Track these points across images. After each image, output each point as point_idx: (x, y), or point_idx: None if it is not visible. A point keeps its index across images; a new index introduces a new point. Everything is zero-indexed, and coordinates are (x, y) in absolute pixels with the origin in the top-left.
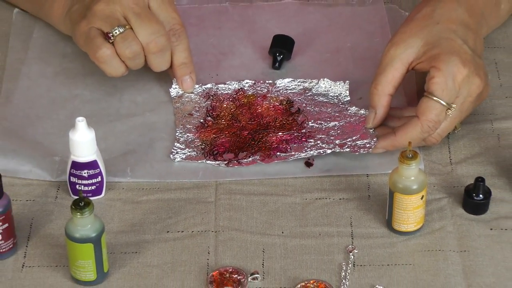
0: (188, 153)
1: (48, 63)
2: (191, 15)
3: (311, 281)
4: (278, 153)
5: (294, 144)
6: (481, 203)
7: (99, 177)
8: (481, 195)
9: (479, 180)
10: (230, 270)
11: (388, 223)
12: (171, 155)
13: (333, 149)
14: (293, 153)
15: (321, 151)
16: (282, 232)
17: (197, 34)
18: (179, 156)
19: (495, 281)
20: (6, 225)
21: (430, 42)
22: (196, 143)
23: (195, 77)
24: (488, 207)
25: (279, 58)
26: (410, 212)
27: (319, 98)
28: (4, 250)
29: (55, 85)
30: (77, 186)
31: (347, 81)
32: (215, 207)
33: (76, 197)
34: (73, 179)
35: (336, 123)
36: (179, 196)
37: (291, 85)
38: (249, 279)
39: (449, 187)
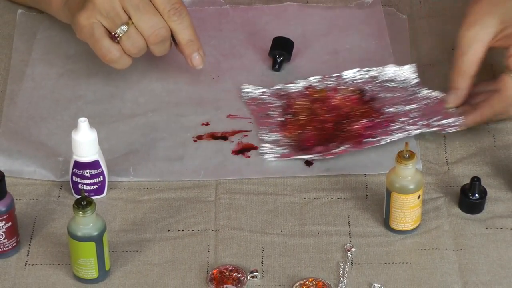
0: (281, 151)
1: (52, 65)
2: (192, 17)
3: (310, 279)
4: (367, 140)
5: (379, 129)
6: (477, 203)
7: (101, 176)
8: (477, 195)
9: (475, 180)
10: (230, 268)
11: (386, 222)
12: (263, 156)
13: (420, 130)
14: (382, 137)
15: (407, 133)
16: (281, 231)
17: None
18: (272, 156)
19: (491, 279)
20: (9, 224)
21: (506, 20)
22: (283, 140)
23: (203, 53)
24: (484, 206)
25: (279, 60)
26: (407, 211)
27: (388, 84)
28: (7, 248)
29: (59, 86)
30: (80, 186)
31: (414, 64)
32: (215, 206)
33: (79, 197)
34: (75, 178)
35: (413, 106)
36: (179, 195)
37: (358, 75)
38: (248, 277)
39: (445, 187)
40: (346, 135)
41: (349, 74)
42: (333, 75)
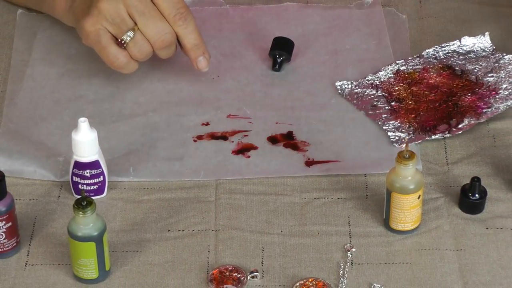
0: (409, 136)
1: (52, 65)
2: None
3: (310, 279)
4: (485, 110)
5: (489, 98)
6: (477, 203)
7: (101, 176)
8: (477, 195)
9: (475, 180)
10: (230, 268)
11: (386, 222)
12: (395, 144)
13: None
14: (497, 105)
15: None
16: (281, 231)
17: None
18: (402, 141)
19: (491, 279)
20: (10, 224)
21: None
22: (404, 127)
23: (209, 55)
24: (484, 206)
25: (279, 60)
26: (407, 211)
27: (469, 55)
28: (7, 248)
29: (59, 86)
30: (80, 186)
31: (487, 33)
32: (215, 206)
33: (79, 197)
34: (75, 178)
35: (505, 71)
36: (180, 195)
37: (438, 53)
38: (248, 277)
39: (446, 187)
40: (462, 110)
41: (429, 52)
42: (415, 56)
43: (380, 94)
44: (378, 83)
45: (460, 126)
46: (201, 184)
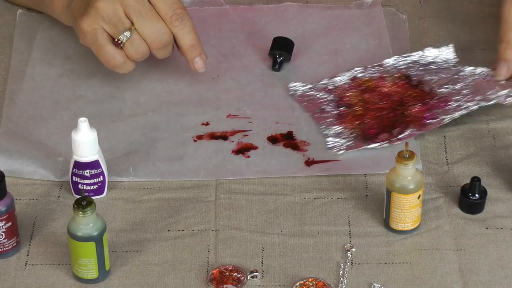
0: (346, 143)
1: (52, 65)
2: (192, 17)
3: (310, 279)
4: (430, 120)
5: (437, 109)
6: (477, 203)
7: (101, 176)
8: (477, 195)
9: (475, 180)
10: (230, 268)
11: (386, 222)
12: (332, 151)
13: (478, 105)
14: (444, 116)
15: (467, 109)
16: (281, 231)
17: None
18: (339, 148)
19: (491, 279)
20: (9, 224)
21: None
22: (346, 133)
23: (206, 56)
24: (484, 206)
25: (279, 60)
26: (407, 211)
27: (430, 67)
28: (7, 248)
29: (59, 86)
30: (80, 186)
31: (451, 44)
32: (215, 206)
33: (79, 196)
34: (75, 178)
35: (462, 84)
36: (179, 195)
37: (399, 62)
38: (248, 277)
39: (446, 187)
40: (407, 119)
41: (390, 61)
42: (375, 64)
43: (331, 99)
44: (332, 87)
45: (400, 136)
46: (201, 184)
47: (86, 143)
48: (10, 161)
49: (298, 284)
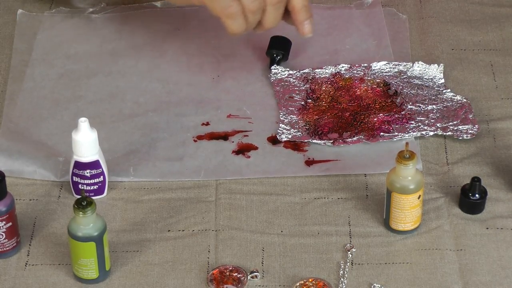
0: (294, 133)
1: (52, 65)
2: (193, 18)
3: (310, 279)
4: (382, 134)
5: (396, 125)
6: (477, 203)
7: (101, 176)
8: (477, 195)
9: (475, 180)
10: (230, 268)
11: (386, 222)
12: (278, 136)
13: (435, 132)
14: (396, 133)
15: (423, 132)
16: (281, 231)
17: (199, 36)
18: (285, 136)
19: (491, 280)
20: (10, 224)
21: None
22: (300, 124)
23: (313, 22)
24: (484, 206)
25: (276, 59)
26: (407, 212)
27: (414, 81)
28: (7, 248)
29: (59, 86)
30: (80, 186)
31: (442, 64)
32: (215, 206)
33: (79, 197)
34: (75, 178)
35: (434, 106)
36: (180, 195)
37: (386, 68)
38: (248, 277)
39: (446, 187)
40: (362, 126)
41: (378, 65)
42: (362, 65)
43: (304, 88)
44: (311, 78)
45: (348, 140)
46: (201, 184)
47: (86, 143)
48: (10, 161)
49: (298, 284)
